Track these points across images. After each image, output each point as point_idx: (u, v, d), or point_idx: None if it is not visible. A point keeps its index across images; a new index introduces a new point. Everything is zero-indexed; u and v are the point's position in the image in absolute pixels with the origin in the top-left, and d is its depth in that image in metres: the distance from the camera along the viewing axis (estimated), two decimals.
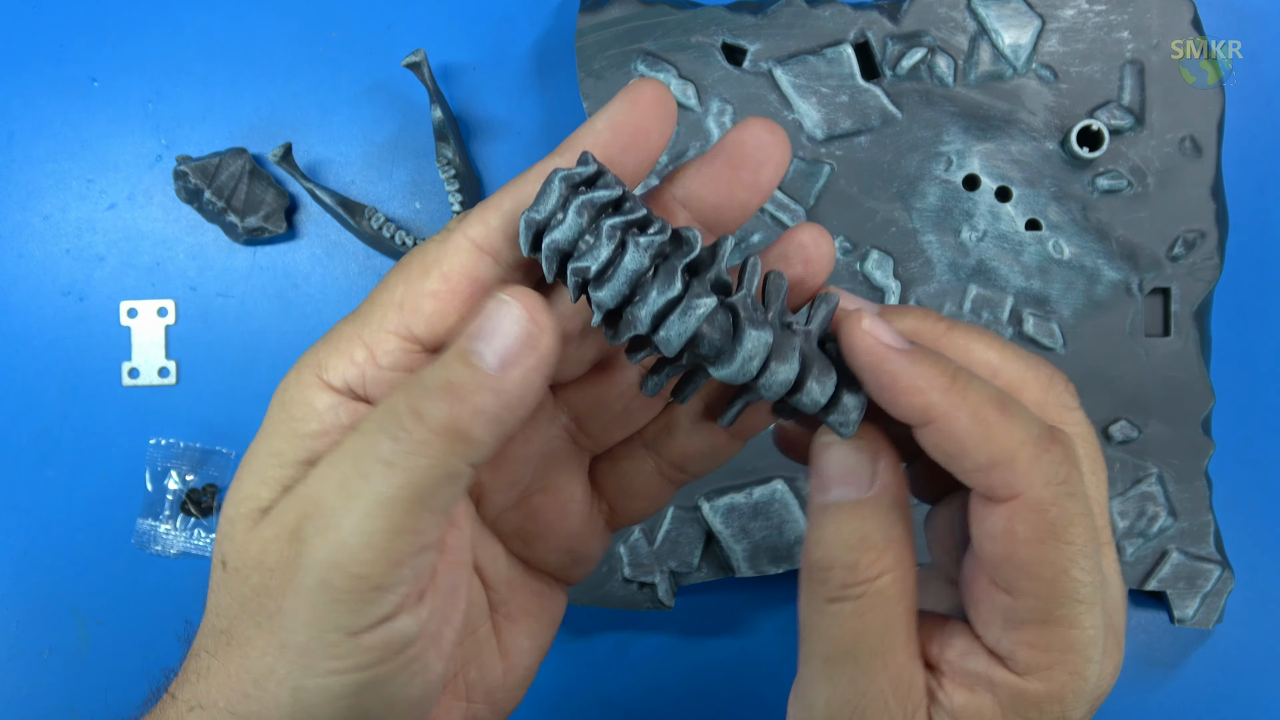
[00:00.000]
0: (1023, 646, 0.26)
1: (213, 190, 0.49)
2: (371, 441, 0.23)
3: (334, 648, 0.24)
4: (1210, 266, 0.47)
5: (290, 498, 0.24)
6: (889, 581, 0.26)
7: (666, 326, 0.25)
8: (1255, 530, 0.51)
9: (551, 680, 0.51)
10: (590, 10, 0.47)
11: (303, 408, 0.25)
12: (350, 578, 0.23)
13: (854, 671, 0.26)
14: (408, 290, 0.25)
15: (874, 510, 0.26)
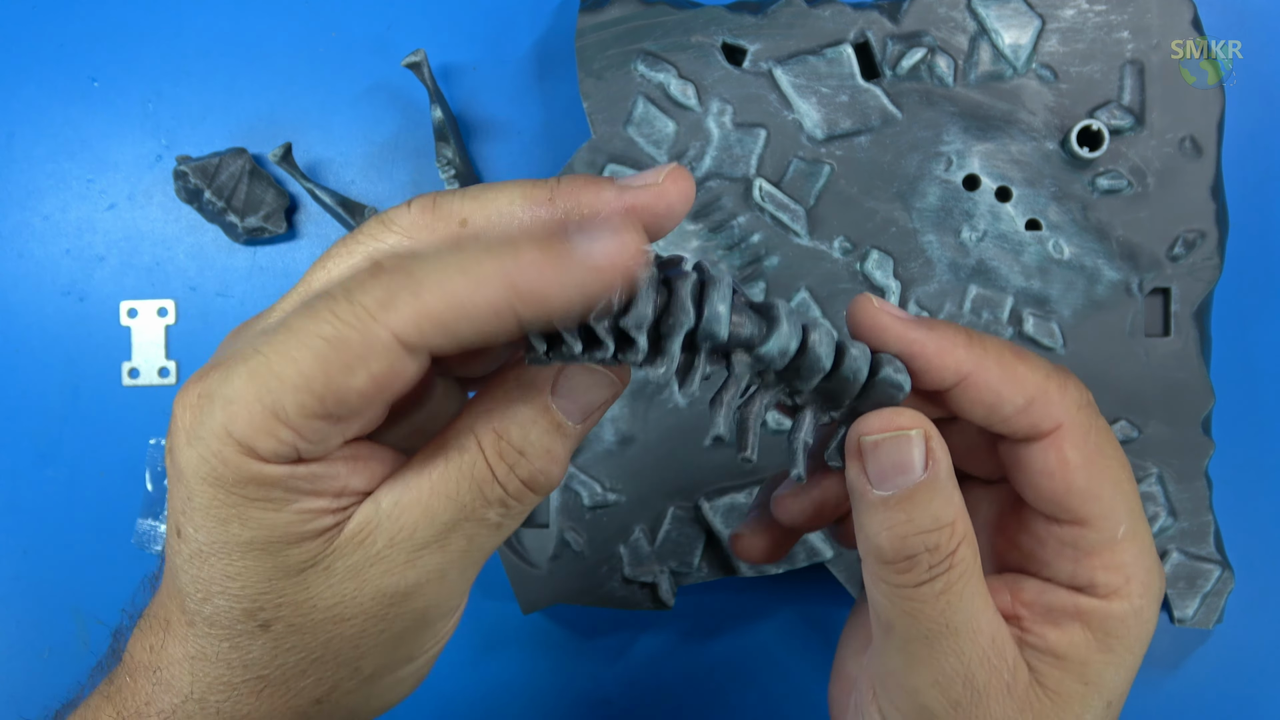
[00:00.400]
0: (1100, 570, 0.27)
1: (213, 190, 0.49)
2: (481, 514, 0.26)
3: (408, 657, 0.28)
4: (1210, 266, 0.47)
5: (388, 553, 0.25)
6: (967, 547, 0.26)
7: (709, 304, 0.25)
8: (1255, 530, 0.51)
9: (552, 680, 0.51)
10: (590, 10, 0.47)
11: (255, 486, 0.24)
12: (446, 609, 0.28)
13: (954, 642, 0.27)
14: (329, 384, 0.23)
15: (936, 487, 0.26)
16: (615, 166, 0.47)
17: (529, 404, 0.25)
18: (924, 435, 0.26)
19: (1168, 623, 0.48)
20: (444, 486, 0.25)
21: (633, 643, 0.52)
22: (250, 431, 0.24)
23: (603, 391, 0.26)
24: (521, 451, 0.26)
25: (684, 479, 0.47)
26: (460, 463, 0.25)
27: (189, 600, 0.26)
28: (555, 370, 0.26)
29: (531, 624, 0.51)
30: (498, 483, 0.25)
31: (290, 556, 0.25)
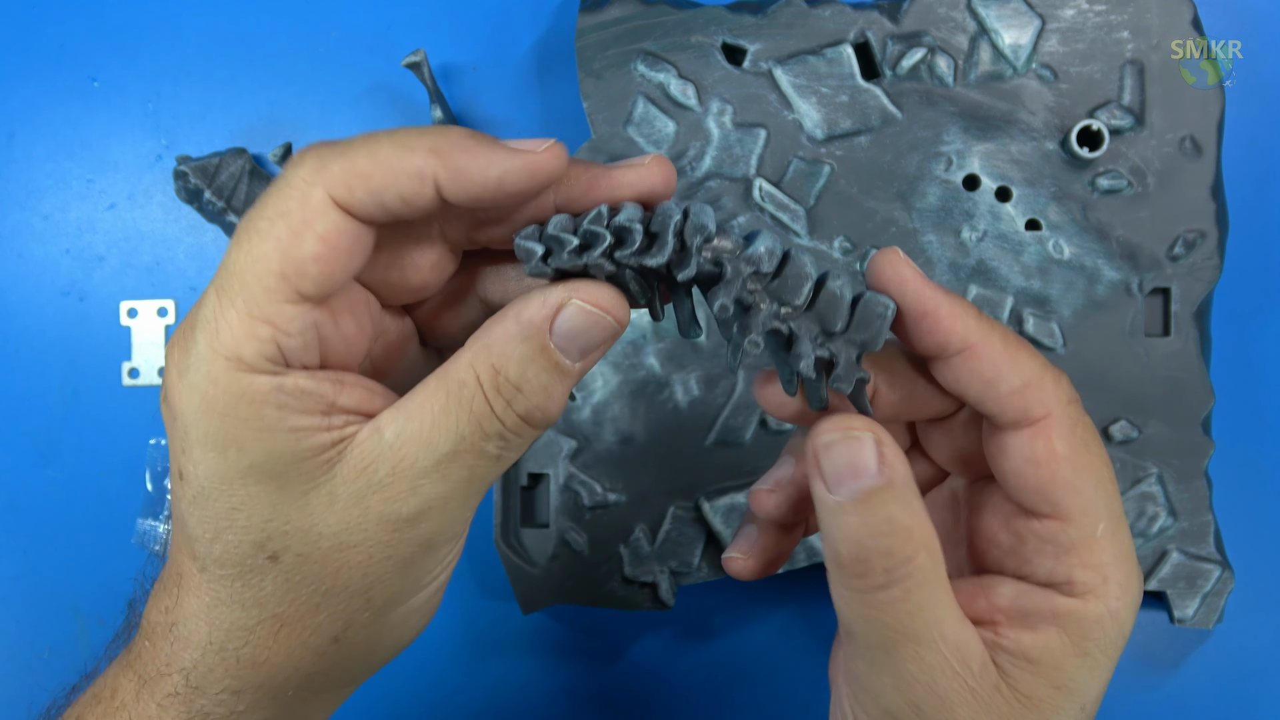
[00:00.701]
0: (1078, 568, 0.27)
1: (213, 190, 0.49)
2: (480, 446, 0.27)
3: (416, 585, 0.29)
4: (1210, 266, 0.47)
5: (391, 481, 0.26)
6: (926, 554, 0.26)
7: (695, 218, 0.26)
8: (1255, 530, 0.51)
9: (552, 680, 0.51)
10: (590, 10, 0.47)
11: (247, 404, 0.25)
12: (449, 536, 0.28)
13: (915, 649, 0.27)
14: (285, 258, 0.25)
15: (891, 493, 0.26)
16: None
17: (527, 341, 0.26)
18: (875, 439, 0.26)
19: (1168, 623, 0.48)
20: (444, 419, 0.26)
21: (633, 643, 0.52)
22: (233, 341, 0.25)
23: (601, 331, 0.27)
24: (519, 388, 0.26)
25: (684, 479, 0.47)
26: (460, 396, 0.26)
27: (198, 545, 0.27)
28: (554, 308, 0.26)
29: (531, 624, 0.51)
30: (495, 417, 0.26)
31: (290, 479, 0.26)
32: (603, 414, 0.47)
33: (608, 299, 0.26)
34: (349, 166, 0.26)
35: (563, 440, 0.47)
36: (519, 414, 0.27)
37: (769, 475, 0.31)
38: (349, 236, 0.26)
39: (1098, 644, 0.27)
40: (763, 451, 0.47)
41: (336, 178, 0.25)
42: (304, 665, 0.28)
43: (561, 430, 0.47)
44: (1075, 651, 0.27)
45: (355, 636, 0.28)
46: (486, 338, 0.27)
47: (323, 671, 0.28)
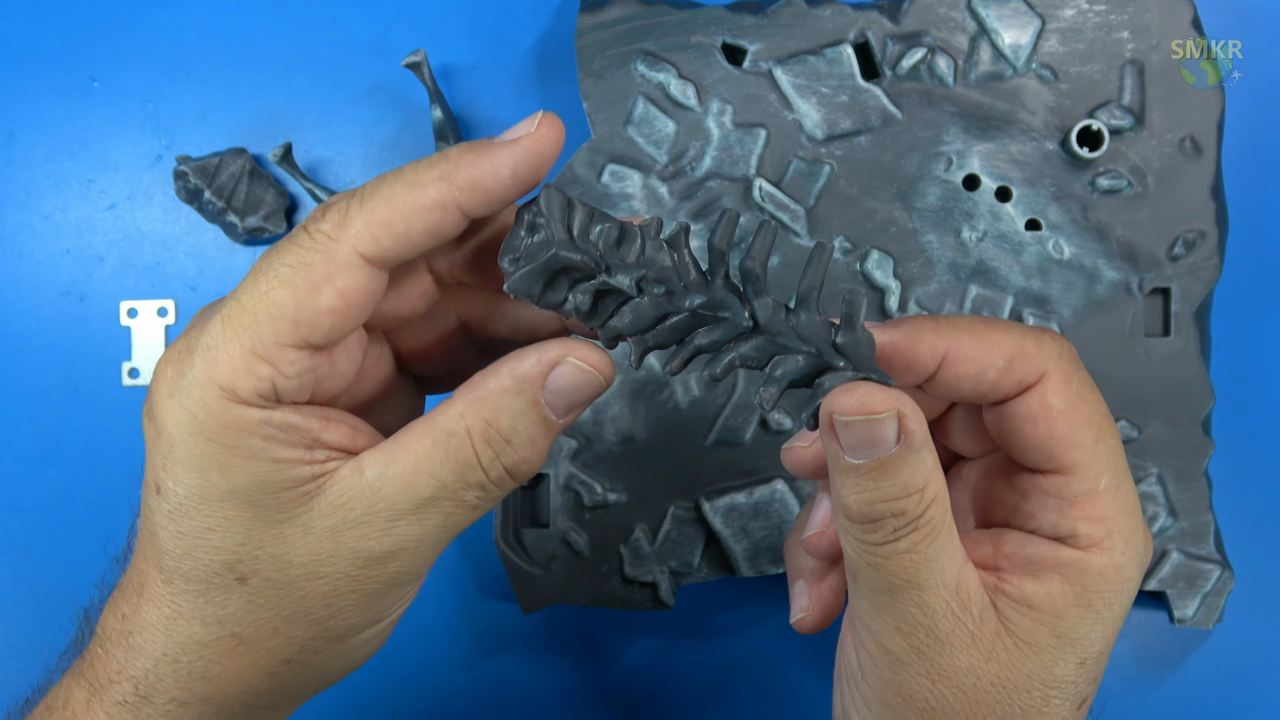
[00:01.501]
0: (1082, 521, 0.27)
1: (213, 190, 0.49)
2: (460, 495, 0.28)
3: (376, 618, 0.30)
4: (1210, 266, 0.47)
5: (367, 519, 0.27)
6: (935, 508, 0.27)
7: None
8: (1255, 530, 0.51)
9: (552, 680, 0.51)
10: (590, 10, 0.47)
11: (235, 433, 0.26)
12: (415, 577, 0.29)
13: (917, 594, 0.27)
14: (300, 308, 0.26)
15: (907, 458, 0.26)
16: (615, 167, 0.47)
17: (520, 396, 0.27)
18: (897, 415, 0.26)
19: (1168, 623, 0.48)
20: (428, 465, 0.27)
21: (633, 643, 0.52)
22: (231, 374, 0.26)
23: (591, 389, 0.28)
24: (509, 440, 0.27)
25: (684, 479, 0.47)
26: (447, 445, 0.27)
27: (168, 558, 0.27)
28: (549, 365, 0.27)
29: (531, 624, 0.51)
30: (481, 468, 0.27)
31: (269, 507, 0.27)
32: (603, 414, 0.47)
33: (600, 359, 0.28)
34: (369, 219, 0.26)
35: (563, 440, 0.47)
36: (506, 466, 0.28)
37: (812, 519, 0.31)
38: (365, 293, 0.26)
39: (1100, 596, 0.27)
40: (763, 451, 0.47)
41: (362, 232, 0.26)
42: (253, 683, 0.28)
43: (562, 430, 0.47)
44: (1077, 601, 0.27)
45: (307, 660, 0.29)
46: (480, 390, 0.27)
47: (271, 690, 0.29)
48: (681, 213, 0.47)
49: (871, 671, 0.28)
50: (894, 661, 0.28)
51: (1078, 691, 0.28)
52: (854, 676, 0.29)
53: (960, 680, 0.27)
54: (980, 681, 0.27)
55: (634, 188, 0.47)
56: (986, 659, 0.27)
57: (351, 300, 0.26)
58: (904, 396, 0.26)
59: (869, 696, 0.29)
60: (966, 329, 0.28)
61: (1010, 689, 0.27)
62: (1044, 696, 0.28)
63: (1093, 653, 0.28)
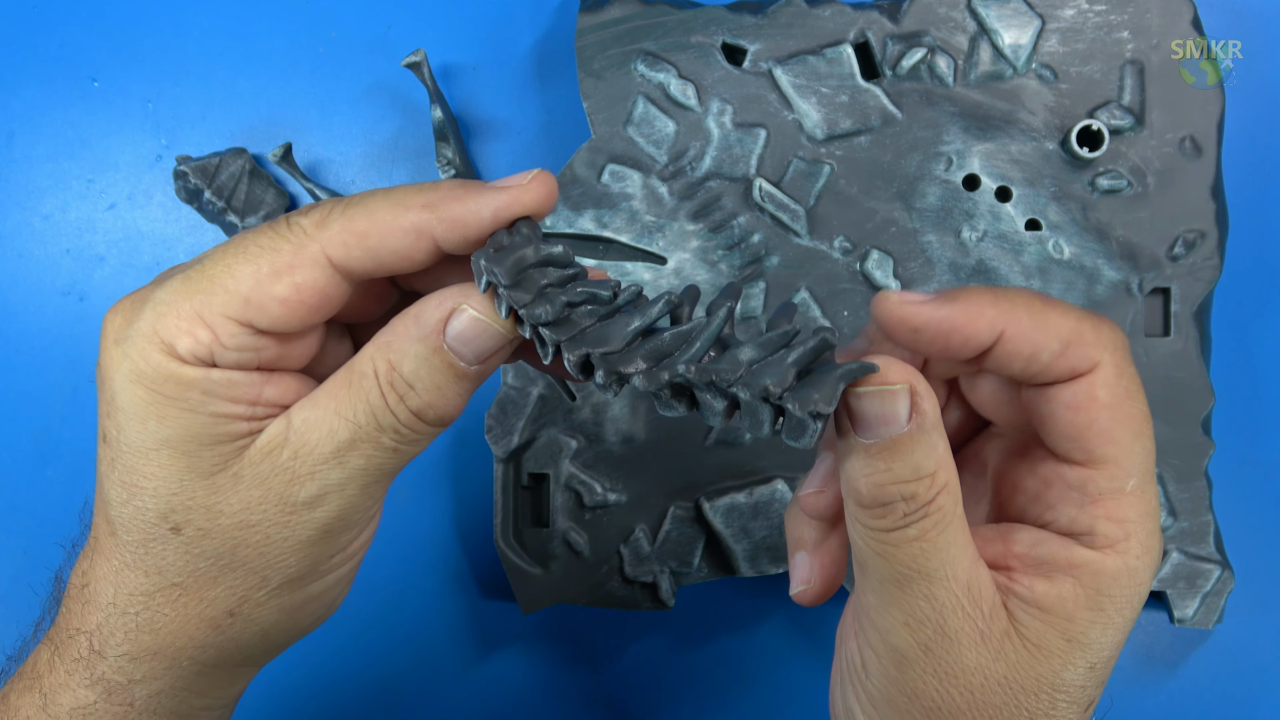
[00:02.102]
0: (1102, 519, 0.27)
1: (213, 190, 0.49)
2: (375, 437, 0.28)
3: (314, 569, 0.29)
4: (1210, 266, 0.47)
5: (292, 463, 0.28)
6: (946, 496, 0.26)
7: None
8: (1255, 530, 0.51)
9: (552, 680, 0.51)
10: (590, 10, 0.47)
11: (174, 385, 0.27)
12: (348, 524, 0.29)
13: (927, 586, 0.27)
14: (256, 288, 0.27)
15: (919, 439, 0.26)
16: (615, 167, 0.47)
17: (423, 342, 0.27)
18: (909, 390, 0.26)
19: (1168, 623, 0.48)
20: (344, 409, 0.28)
21: (633, 643, 0.52)
22: (174, 331, 0.27)
23: (490, 339, 0.28)
24: (411, 385, 0.28)
25: (684, 479, 0.47)
26: (360, 387, 0.28)
27: (112, 508, 0.28)
28: (447, 311, 0.27)
29: (531, 624, 0.51)
30: (389, 410, 0.28)
31: (203, 459, 0.27)
32: (603, 414, 0.47)
33: (489, 308, 0.28)
34: (347, 225, 0.27)
35: (563, 440, 0.47)
36: (411, 409, 0.28)
37: (811, 477, 0.31)
38: (321, 294, 0.27)
39: (1113, 600, 0.27)
40: (763, 451, 0.47)
41: (335, 236, 0.27)
42: (198, 636, 0.29)
43: (562, 430, 0.47)
44: (1089, 605, 0.27)
45: (251, 613, 0.29)
46: (389, 334, 0.28)
47: (217, 645, 0.29)
48: (681, 213, 0.47)
49: (877, 669, 0.28)
50: (900, 659, 0.27)
51: (1085, 695, 0.28)
52: (857, 674, 0.29)
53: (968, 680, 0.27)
54: (988, 681, 0.27)
55: (634, 188, 0.47)
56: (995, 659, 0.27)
57: (305, 296, 0.27)
58: (918, 373, 0.26)
59: (874, 695, 0.28)
60: (1025, 306, 0.27)
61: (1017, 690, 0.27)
62: (1051, 700, 0.27)
63: (1102, 657, 0.28)
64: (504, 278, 0.27)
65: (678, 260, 0.47)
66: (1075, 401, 0.27)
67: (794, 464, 0.47)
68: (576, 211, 0.47)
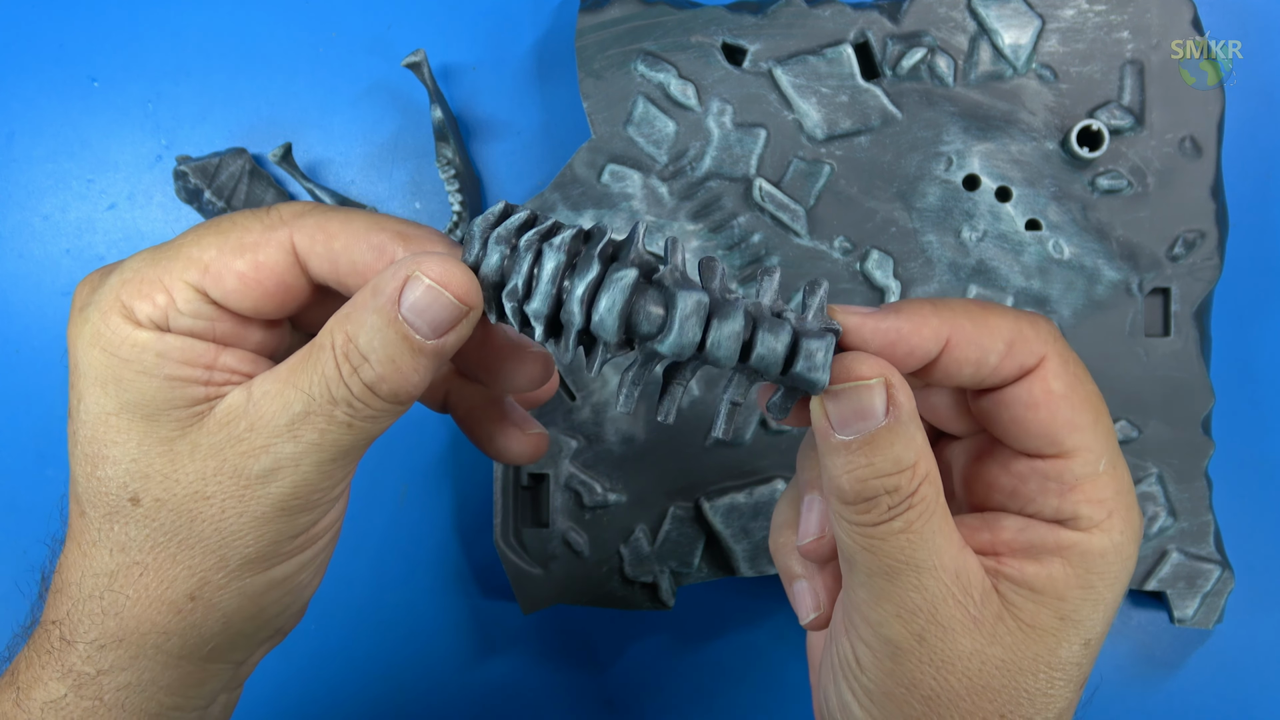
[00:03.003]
0: (1084, 503, 0.27)
1: (213, 190, 0.49)
2: (329, 410, 0.27)
3: (273, 551, 0.29)
4: (1210, 266, 0.47)
5: (247, 435, 0.28)
6: (928, 486, 0.27)
7: (597, 310, 0.25)
8: (1255, 530, 0.51)
9: (552, 680, 0.51)
10: (590, 10, 0.47)
11: (130, 347, 0.27)
12: (305, 503, 0.28)
13: (916, 577, 0.27)
14: (218, 257, 0.28)
15: (898, 432, 0.26)
16: (615, 167, 0.47)
17: (379, 313, 0.27)
18: (884, 383, 0.26)
19: (1168, 623, 0.48)
20: (300, 380, 0.27)
21: (633, 643, 0.52)
22: (133, 294, 0.27)
23: (445, 310, 0.27)
24: (365, 356, 0.27)
25: (684, 479, 0.47)
26: (316, 359, 0.27)
27: (79, 484, 0.28)
28: (403, 279, 0.27)
29: (531, 624, 0.51)
30: (343, 382, 0.27)
31: (160, 424, 0.27)
32: (603, 414, 0.47)
33: (455, 278, 0.27)
34: (321, 221, 0.28)
35: (563, 440, 0.47)
36: (364, 382, 0.27)
37: (807, 525, 0.31)
38: (277, 279, 0.28)
39: (1102, 577, 0.27)
40: (763, 451, 0.47)
41: (306, 227, 0.28)
42: (160, 622, 0.28)
43: (562, 430, 0.47)
44: (1079, 583, 0.27)
45: (212, 597, 0.29)
46: (349, 305, 0.28)
47: (180, 632, 0.29)
48: (682, 213, 0.47)
49: (871, 663, 0.28)
50: (895, 651, 0.28)
51: (1080, 673, 0.28)
52: (850, 669, 0.29)
53: (965, 665, 0.27)
54: (985, 665, 0.27)
55: (634, 188, 0.47)
56: (990, 642, 0.27)
57: (263, 276, 0.28)
58: (890, 365, 0.26)
59: (869, 688, 0.29)
60: (965, 313, 0.27)
61: (1015, 671, 0.27)
62: (1049, 679, 0.28)
63: (1095, 633, 0.28)
64: (479, 234, 0.27)
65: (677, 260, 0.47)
66: (1032, 399, 0.27)
67: (794, 465, 0.47)
68: (576, 211, 0.47)
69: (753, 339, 0.26)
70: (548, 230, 0.27)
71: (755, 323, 0.26)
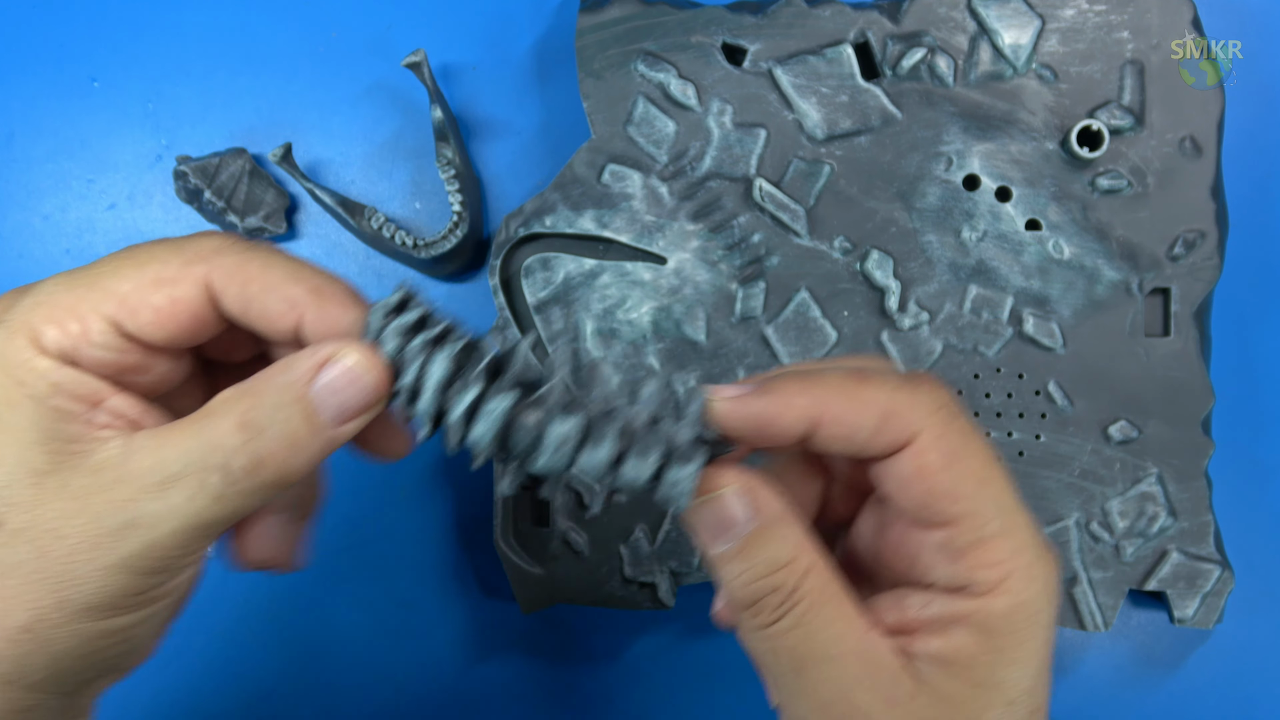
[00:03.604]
0: (978, 569, 0.27)
1: (213, 190, 0.49)
2: (203, 477, 0.27)
3: (114, 602, 0.28)
4: (1210, 266, 0.47)
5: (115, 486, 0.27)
6: (813, 578, 0.27)
7: (472, 431, 0.27)
8: (1255, 530, 0.51)
9: (552, 680, 0.51)
10: (590, 10, 0.47)
11: (27, 371, 0.27)
12: (155, 565, 0.27)
13: (822, 670, 0.27)
14: (134, 290, 0.27)
15: (767, 534, 0.27)
16: (615, 167, 0.47)
17: (286, 389, 0.27)
18: (740, 490, 0.27)
19: (1168, 623, 0.48)
20: (181, 439, 0.27)
21: (633, 643, 0.52)
22: (45, 319, 0.27)
23: (358, 394, 0.27)
24: (262, 429, 0.27)
25: None
26: (203, 423, 0.27)
27: None
28: (320, 360, 0.27)
29: (531, 624, 0.51)
30: (228, 449, 0.27)
31: (36, 454, 0.27)
32: None
33: (374, 367, 0.27)
34: (240, 263, 0.28)
35: None
36: (254, 453, 0.27)
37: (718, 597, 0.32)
38: (192, 314, 0.28)
39: (1009, 637, 0.27)
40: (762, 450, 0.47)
41: (224, 266, 0.28)
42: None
43: None
44: (987, 648, 0.27)
45: (47, 634, 0.28)
46: (253, 380, 0.28)
47: (12, 657, 0.28)
48: (681, 213, 0.47)
49: None
50: None
51: None
52: None
53: None
54: None
55: (634, 188, 0.47)
56: None
57: (178, 310, 0.28)
58: (744, 472, 0.27)
59: None
60: (838, 388, 0.27)
61: None
62: None
63: (1019, 689, 0.28)
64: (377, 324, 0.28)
65: (678, 260, 0.47)
66: (907, 474, 0.27)
67: None
68: (576, 212, 0.47)
69: (621, 461, 0.27)
70: (438, 336, 0.28)
71: (628, 443, 0.27)
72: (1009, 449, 0.47)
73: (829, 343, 0.47)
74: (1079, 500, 0.47)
